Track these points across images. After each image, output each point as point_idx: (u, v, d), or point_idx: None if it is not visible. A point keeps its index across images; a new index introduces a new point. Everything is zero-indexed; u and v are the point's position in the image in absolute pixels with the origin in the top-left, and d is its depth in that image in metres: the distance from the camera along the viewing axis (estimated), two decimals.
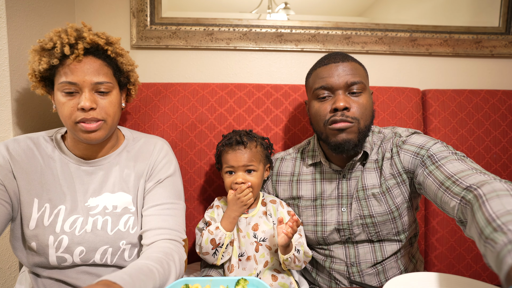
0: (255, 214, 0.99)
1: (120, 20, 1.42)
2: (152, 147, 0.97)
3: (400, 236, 0.95)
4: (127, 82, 0.95)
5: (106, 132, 0.86)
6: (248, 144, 0.97)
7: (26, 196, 0.85)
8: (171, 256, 0.79)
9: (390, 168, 0.94)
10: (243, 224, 0.98)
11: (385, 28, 1.45)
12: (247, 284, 0.69)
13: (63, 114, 0.83)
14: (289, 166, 1.07)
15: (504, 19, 1.45)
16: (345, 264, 0.96)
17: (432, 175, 0.81)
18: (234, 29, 1.42)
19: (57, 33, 0.83)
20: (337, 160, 0.98)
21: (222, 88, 1.28)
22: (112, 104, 0.86)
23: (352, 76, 0.88)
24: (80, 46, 0.81)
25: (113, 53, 0.87)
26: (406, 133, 0.96)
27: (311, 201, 1.00)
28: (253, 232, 0.96)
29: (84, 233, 0.85)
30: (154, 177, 0.93)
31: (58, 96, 0.83)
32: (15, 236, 0.86)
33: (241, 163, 0.95)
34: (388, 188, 0.93)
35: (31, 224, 0.84)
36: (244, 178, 0.95)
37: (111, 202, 0.89)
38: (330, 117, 0.88)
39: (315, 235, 0.98)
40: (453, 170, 0.77)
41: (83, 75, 0.81)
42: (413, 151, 0.90)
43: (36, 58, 0.84)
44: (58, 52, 0.81)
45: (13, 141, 0.88)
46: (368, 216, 0.93)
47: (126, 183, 0.91)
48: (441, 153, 0.84)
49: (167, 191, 0.92)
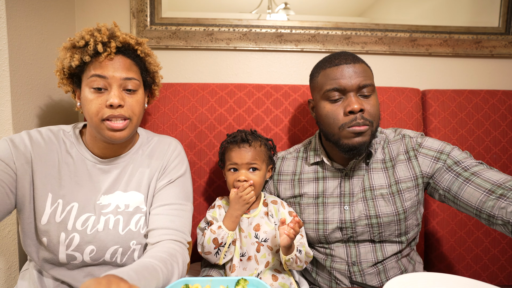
0: (257, 214, 0.99)
1: (120, 21, 1.42)
2: (166, 146, 0.98)
3: (401, 238, 0.95)
4: (152, 82, 0.97)
5: (131, 131, 0.87)
6: (252, 142, 0.98)
7: (40, 189, 0.84)
8: (175, 257, 0.79)
9: (407, 171, 0.94)
10: (245, 224, 0.98)
11: (385, 28, 1.45)
12: (247, 284, 0.69)
13: (90, 110, 0.83)
14: (290, 165, 1.07)
15: (504, 19, 1.45)
16: (346, 263, 0.96)
17: (472, 182, 0.84)
18: (234, 29, 1.42)
19: (89, 32, 0.85)
20: (339, 159, 0.98)
21: (222, 88, 1.28)
22: (138, 103, 0.88)
23: (364, 78, 0.88)
24: (113, 45, 0.83)
25: (142, 53, 0.90)
26: (415, 134, 0.98)
27: (313, 199, 1.00)
28: (255, 233, 0.96)
29: (95, 232, 0.85)
30: (166, 177, 0.93)
31: (85, 92, 0.84)
32: (25, 231, 0.86)
33: (245, 161, 0.96)
34: (400, 190, 0.94)
35: (43, 219, 0.83)
36: (247, 176, 0.96)
37: (123, 201, 0.89)
38: (350, 120, 0.88)
39: (316, 233, 0.98)
40: (497, 178, 0.82)
41: (113, 70, 0.83)
42: (432, 155, 0.92)
43: (68, 55, 0.85)
44: (91, 50, 0.82)
45: (36, 131, 0.88)
46: (374, 216, 0.93)
47: (138, 182, 0.92)
48: (467, 160, 0.88)
49: (176, 192, 0.92)
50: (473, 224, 1.24)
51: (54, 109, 1.22)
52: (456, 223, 1.24)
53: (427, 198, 1.27)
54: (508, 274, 1.25)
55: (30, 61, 1.08)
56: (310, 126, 1.27)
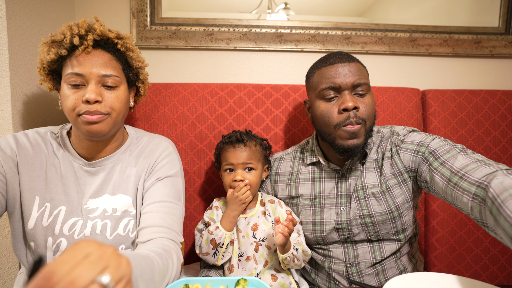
0: (254, 214, 0.99)
1: (120, 21, 1.42)
2: (155, 146, 0.94)
3: (399, 236, 0.95)
4: (136, 79, 0.93)
5: (109, 126, 0.83)
6: (247, 142, 0.98)
7: (27, 193, 0.83)
8: (170, 254, 0.75)
9: (391, 168, 0.94)
10: (242, 224, 0.97)
11: (385, 28, 1.45)
12: (247, 284, 0.69)
13: (67, 106, 0.80)
14: (287, 166, 1.07)
15: (504, 19, 1.45)
16: (344, 264, 0.96)
17: (438, 172, 0.81)
18: (234, 29, 1.42)
19: (68, 26, 0.82)
20: (336, 160, 0.98)
21: (222, 88, 1.28)
22: (118, 99, 0.84)
23: (358, 77, 0.89)
24: (90, 38, 0.80)
25: (123, 47, 0.86)
26: (403, 131, 0.97)
27: (310, 200, 1.00)
28: (253, 232, 0.96)
29: (83, 236, 0.83)
30: (153, 175, 0.90)
31: (64, 89, 0.81)
32: (14, 234, 0.85)
33: (241, 161, 0.96)
34: (389, 187, 0.93)
35: (30, 223, 0.82)
36: (243, 176, 0.96)
37: (110, 204, 0.87)
38: (344, 119, 0.87)
39: (313, 234, 0.98)
40: (458, 165, 0.77)
41: (90, 67, 0.80)
42: (412, 149, 0.91)
43: (45, 49, 0.82)
44: (67, 43, 0.80)
45: (22, 134, 0.86)
46: (368, 216, 0.93)
47: (126, 184, 0.89)
48: (442, 148, 0.84)
49: (166, 189, 0.88)
50: (473, 224, 1.24)
51: (54, 109, 1.22)
52: (456, 223, 1.24)
53: (427, 198, 1.27)
54: (508, 274, 1.25)
55: (30, 61, 1.08)
56: (310, 126, 1.27)
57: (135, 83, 0.95)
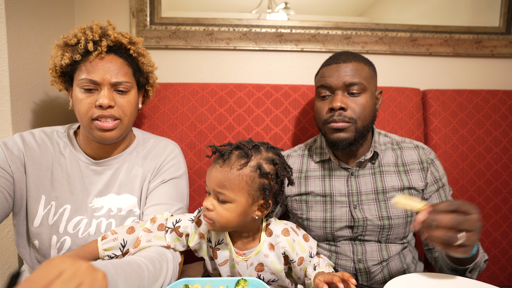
0: (259, 251, 0.77)
1: (120, 20, 1.42)
2: (162, 148, 0.96)
3: (403, 240, 0.98)
4: (146, 83, 0.95)
5: (121, 132, 0.86)
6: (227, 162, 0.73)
7: (34, 192, 0.84)
8: (164, 256, 0.75)
9: (420, 180, 0.98)
10: (242, 267, 0.77)
11: (385, 28, 1.44)
12: (247, 285, 0.69)
13: (80, 110, 0.82)
14: (295, 163, 1.07)
15: (505, 19, 1.45)
16: (352, 260, 0.97)
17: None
18: (234, 29, 1.42)
19: (81, 30, 0.84)
20: (344, 158, 1.00)
21: (222, 88, 1.28)
22: (129, 104, 0.87)
23: (351, 77, 0.90)
24: (104, 44, 0.82)
25: (135, 52, 0.88)
26: (428, 150, 1.03)
27: (320, 197, 1.00)
28: (257, 273, 0.78)
29: (87, 235, 0.84)
30: (158, 177, 0.91)
31: (76, 92, 0.83)
32: (19, 233, 0.85)
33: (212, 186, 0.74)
34: (412, 195, 0.96)
35: (36, 221, 0.83)
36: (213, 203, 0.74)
37: (115, 204, 0.87)
38: (329, 117, 0.92)
39: (323, 231, 0.98)
40: None
41: (103, 73, 0.82)
42: (435, 176, 0.99)
43: (59, 53, 0.84)
44: (82, 48, 0.81)
45: (29, 134, 0.87)
46: (386, 218, 0.94)
47: (132, 184, 0.90)
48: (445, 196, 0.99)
49: (169, 192, 0.90)
50: None
51: (54, 109, 1.22)
52: None
53: None
54: (508, 274, 1.25)
55: (29, 61, 1.08)
56: (310, 126, 1.27)
57: (145, 86, 0.97)
